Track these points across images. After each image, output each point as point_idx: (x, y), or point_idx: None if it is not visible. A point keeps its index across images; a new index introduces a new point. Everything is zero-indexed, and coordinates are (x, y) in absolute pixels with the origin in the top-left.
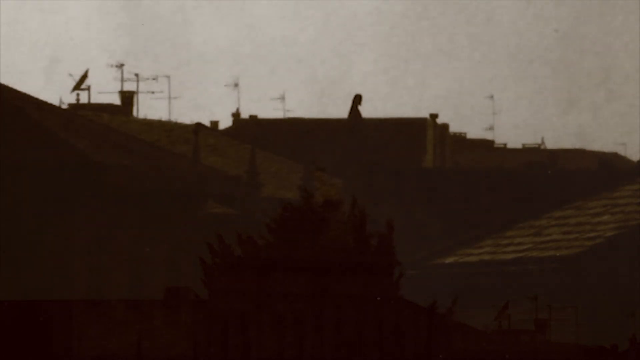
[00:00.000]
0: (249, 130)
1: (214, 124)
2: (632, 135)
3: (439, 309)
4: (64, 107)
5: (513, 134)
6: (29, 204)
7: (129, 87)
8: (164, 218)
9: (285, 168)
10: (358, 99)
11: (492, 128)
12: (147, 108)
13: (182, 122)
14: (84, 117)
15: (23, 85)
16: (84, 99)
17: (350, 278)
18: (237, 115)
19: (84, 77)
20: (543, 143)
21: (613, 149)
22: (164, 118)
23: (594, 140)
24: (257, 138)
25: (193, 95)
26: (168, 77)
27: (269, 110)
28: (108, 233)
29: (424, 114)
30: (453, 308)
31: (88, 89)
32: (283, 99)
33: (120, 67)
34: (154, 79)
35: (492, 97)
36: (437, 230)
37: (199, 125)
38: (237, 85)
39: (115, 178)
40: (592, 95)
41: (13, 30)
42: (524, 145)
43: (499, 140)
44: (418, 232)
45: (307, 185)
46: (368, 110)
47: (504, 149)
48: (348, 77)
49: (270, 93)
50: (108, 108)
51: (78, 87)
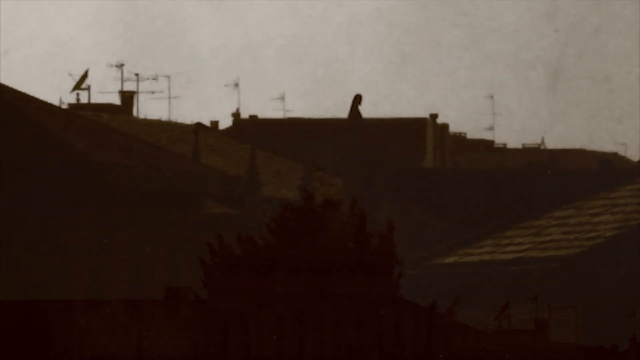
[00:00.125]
0: (249, 130)
1: (214, 124)
2: (632, 135)
3: (439, 309)
4: (64, 107)
5: (513, 134)
6: (29, 204)
7: (129, 87)
8: (164, 218)
9: (285, 168)
10: (358, 99)
11: (492, 128)
12: (147, 108)
13: (182, 122)
14: (84, 117)
15: (23, 85)
16: (84, 99)
17: (350, 278)
18: (237, 115)
19: (84, 77)
20: (543, 143)
21: (613, 149)
22: (164, 118)
23: (594, 141)
24: (257, 138)
25: (193, 95)
26: (168, 77)
27: (269, 110)
28: (108, 233)
29: (424, 114)
30: (453, 308)
31: (88, 89)
32: (283, 99)
33: (120, 67)
34: (154, 79)
35: (492, 97)
36: (437, 230)
37: (199, 125)
38: (237, 85)
39: (115, 178)
40: (592, 96)
41: (13, 30)
42: (524, 145)
43: (499, 140)
44: (418, 232)
45: (307, 185)
46: (368, 110)
47: (504, 149)
48: (348, 77)
49: (270, 93)
50: (108, 108)
51: (78, 87)
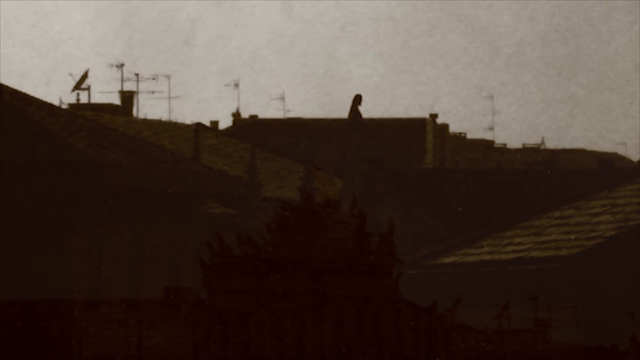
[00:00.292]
0: (249, 130)
1: (214, 124)
2: (632, 135)
3: (439, 309)
4: (64, 107)
5: (513, 134)
6: (29, 204)
7: (129, 87)
8: (164, 218)
9: (285, 168)
10: (358, 99)
11: (492, 128)
12: (147, 108)
13: (182, 122)
14: (84, 117)
15: (23, 85)
16: (84, 99)
17: (350, 278)
18: (237, 115)
19: (84, 77)
20: (543, 143)
21: (613, 149)
22: (164, 118)
23: (594, 141)
24: (257, 138)
25: (193, 95)
26: (168, 77)
27: (269, 110)
28: (108, 233)
29: (424, 114)
30: (454, 309)
31: (88, 89)
32: (283, 99)
33: (120, 67)
34: (154, 79)
35: (492, 97)
36: (437, 230)
37: (199, 125)
38: (237, 85)
39: (115, 178)
40: (592, 95)
41: (13, 31)
42: (524, 145)
43: (499, 140)
44: (418, 232)
45: (307, 185)
46: (368, 110)
47: (504, 149)
48: (348, 77)
49: (270, 93)
50: (108, 108)
51: (78, 87)
